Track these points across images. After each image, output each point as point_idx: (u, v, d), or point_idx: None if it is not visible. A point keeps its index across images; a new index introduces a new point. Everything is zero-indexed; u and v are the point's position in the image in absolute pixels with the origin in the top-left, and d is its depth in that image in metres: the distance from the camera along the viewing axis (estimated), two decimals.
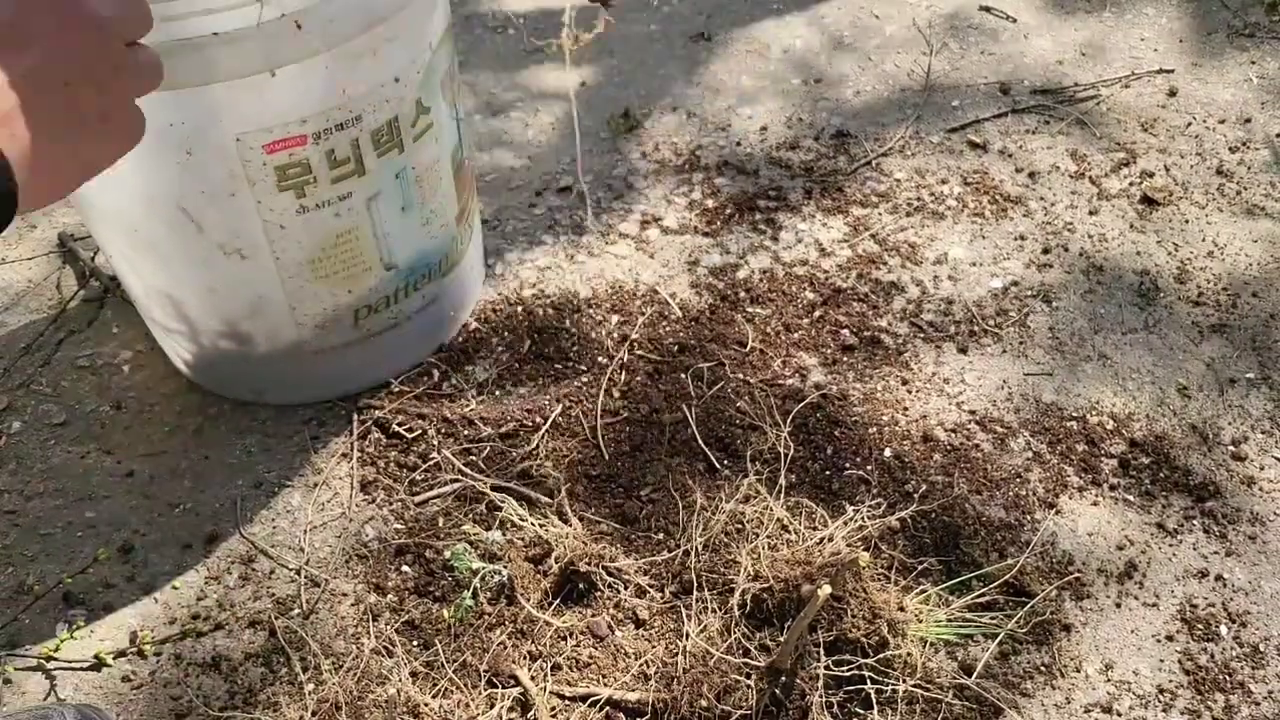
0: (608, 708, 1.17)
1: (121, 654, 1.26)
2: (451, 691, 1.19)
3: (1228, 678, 1.24)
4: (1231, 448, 1.47)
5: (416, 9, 1.20)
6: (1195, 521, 1.39)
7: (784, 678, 1.15)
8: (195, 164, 1.15)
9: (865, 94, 2.09)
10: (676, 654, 1.19)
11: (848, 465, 1.43)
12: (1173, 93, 2.07)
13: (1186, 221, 1.81)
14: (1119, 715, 1.21)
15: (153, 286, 1.36)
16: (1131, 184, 1.88)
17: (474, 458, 1.43)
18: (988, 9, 2.30)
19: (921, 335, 1.63)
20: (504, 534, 1.33)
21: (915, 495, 1.39)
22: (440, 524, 1.36)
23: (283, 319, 1.36)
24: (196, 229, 1.22)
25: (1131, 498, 1.42)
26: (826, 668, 1.16)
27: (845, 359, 1.58)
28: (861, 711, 1.16)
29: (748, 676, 1.16)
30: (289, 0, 1.06)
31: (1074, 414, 1.52)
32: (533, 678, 1.19)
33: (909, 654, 1.18)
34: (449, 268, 1.48)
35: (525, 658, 1.21)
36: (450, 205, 1.42)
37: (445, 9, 1.31)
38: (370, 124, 1.20)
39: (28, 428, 1.51)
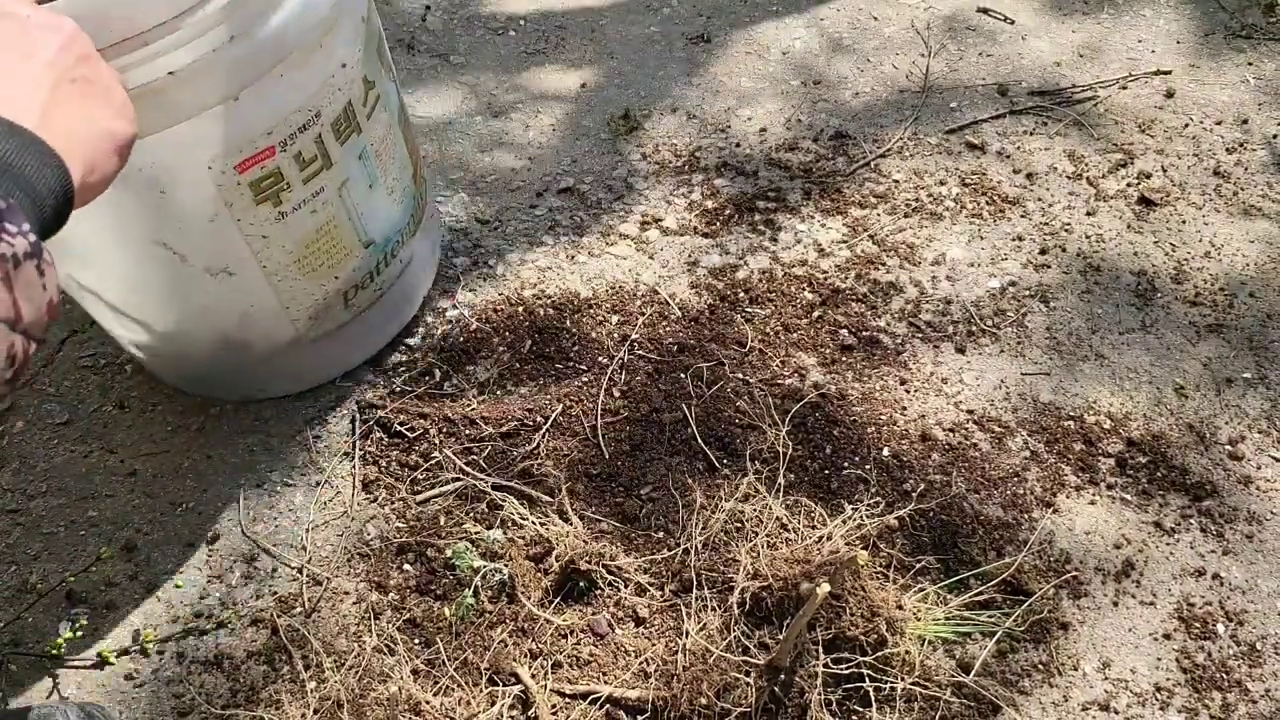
0: (608, 705, 1.18)
1: (124, 652, 1.26)
2: (453, 689, 1.19)
3: (1225, 676, 1.25)
4: (1228, 447, 1.48)
5: None
6: (1192, 520, 1.40)
7: (783, 675, 1.16)
8: (170, 200, 1.13)
9: (864, 95, 2.10)
10: (676, 652, 1.20)
11: (846, 464, 1.43)
12: (1170, 94, 2.08)
13: (1184, 222, 1.82)
14: (1116, 713, 1.22)
15: (143, 327, 1.36)
16: (1129, 185, 1.89)
17: (475, 457, 1.43)
18: (986, 11, 2.31)
19: (920, 335, 1.64)
20: (505, 533, 1.33)
21: (913, 494, 1.40)
22: (441, 523, 1.36)
23: (277, 320, 1.36)
24: (180, 259, 1.21)
25: (1129, 497, 1.42)
26: (825, 665, 1.17)
27: (844, 359, 1.59)
28: (860, 709, 1.17)
29: (747, 674, 1.16)
30: (238, 20, 1.04)
31: (1071, 413, 1.52)
32: (533, 675, 1.20)
33: (907, 652, 1.18)
34: (416, 226, 1.52)
35: (526, 656, 1.22)
36: (406, 168, 1.45)
37: None
38: (329, 116, 1.20)
39: (31, 427, 1.51)
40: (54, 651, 1.25)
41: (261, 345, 1.40)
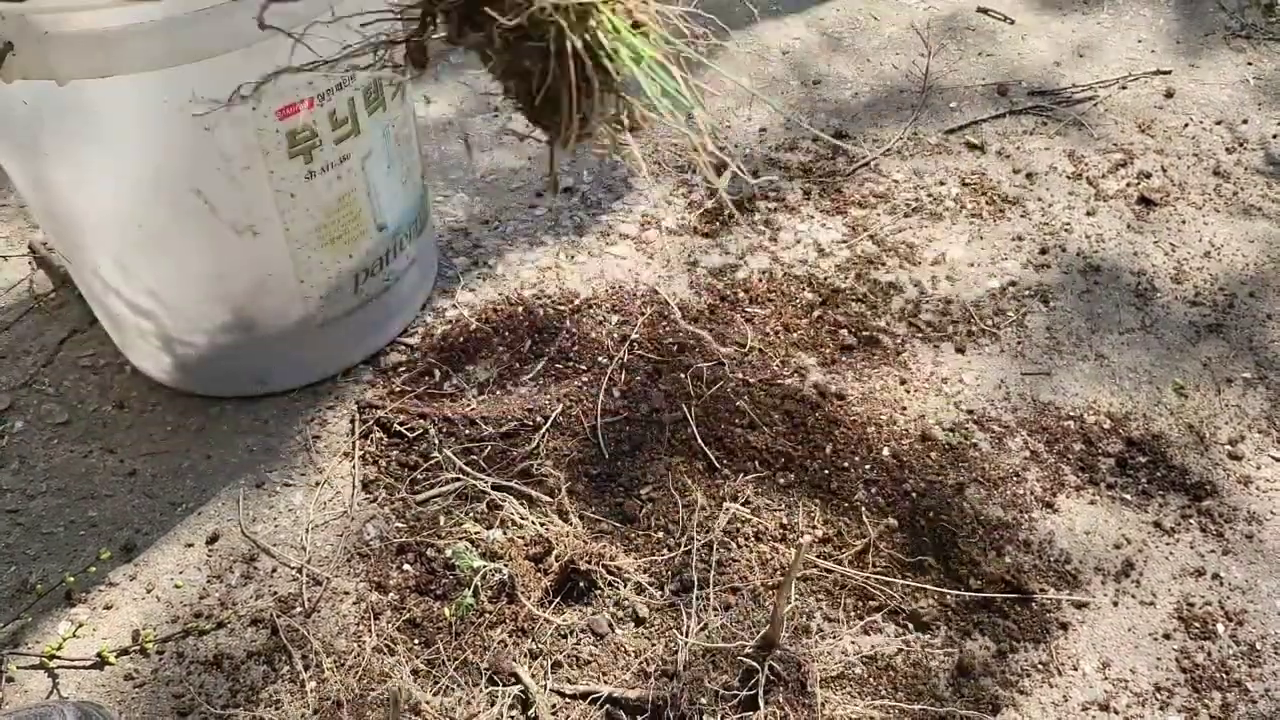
0: (608, 705, 1.18)
1: (124, 652, 1.26)
2: (452, 689, 1.19)
3: (1224, 676, 1.25)
4: (1228, 447, 1.48)
5: None
6: (1192, 520, 1.40)
7: (778, 650, 1.16)
8: (213, 139, 1.20)
9: (863, 95, 2.10)
10: (676, 651, 1.20)
11: (846, 464, 1.43)
12: (1170, 94, 2.08)
13: (1184, 222, 1.82)
14: (1116, 713, 1.21)
15: (145, 292, 1.37)
16: (1129, 184, 1.89)
17: (475, 457, 1.43)
18: (985, 11, 2.31)
19: (920, 335, 1.64)
20: (505, 532, 1.33)
21: (913, 494, 1.40)
22: (441, 523, 1.36)
23: (290, 294, 1.41)
24: (209, 210, 1.27)
25: (1128, 496, 1.42)
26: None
27: (844, 359, 1.59)
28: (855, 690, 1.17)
29: (748, 657, 1.16)
30: None
31: (1071, 413, 1.52)
32: (533, 675, 1.20)
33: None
34: (423, 225, 1.60)
35: (526, 655, 1.22)
36: (417, 162, 1.56)
37: None
38: (362, 80, 1.30)
39: (30, 427, 1.51)
40: (54, 651, 1.25)
41: (270, 324, 1.44)
